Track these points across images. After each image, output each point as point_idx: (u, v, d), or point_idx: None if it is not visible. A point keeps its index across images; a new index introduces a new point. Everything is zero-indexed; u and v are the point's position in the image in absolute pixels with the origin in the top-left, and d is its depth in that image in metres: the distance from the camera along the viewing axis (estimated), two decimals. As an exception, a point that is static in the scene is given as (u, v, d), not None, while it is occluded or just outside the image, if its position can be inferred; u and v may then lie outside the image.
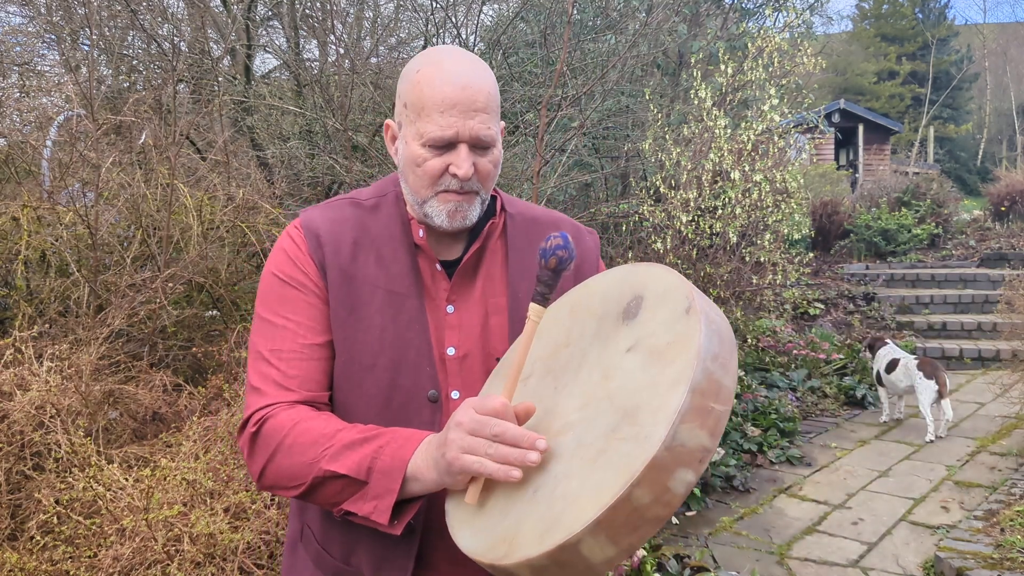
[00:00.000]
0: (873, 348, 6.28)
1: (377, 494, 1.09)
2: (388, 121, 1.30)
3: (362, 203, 1.32)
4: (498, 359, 1.26)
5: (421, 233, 1.28)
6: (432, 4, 6.07)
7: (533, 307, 1.07)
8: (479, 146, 1.21)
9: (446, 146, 1.19)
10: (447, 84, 1.17)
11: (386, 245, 1.27)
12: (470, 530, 1.05)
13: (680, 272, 5.93)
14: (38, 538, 2.42)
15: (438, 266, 1.29)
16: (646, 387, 0.97)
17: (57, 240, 3.61)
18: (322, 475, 1.11)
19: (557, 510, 0.95)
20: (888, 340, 6.29)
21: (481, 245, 1.31)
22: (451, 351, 1.26)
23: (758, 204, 5.83)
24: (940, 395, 5.57)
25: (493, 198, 1.36)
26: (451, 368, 1.25)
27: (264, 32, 6.98)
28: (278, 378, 1.21)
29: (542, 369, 1.17)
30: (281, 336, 1.24)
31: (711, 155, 5.66)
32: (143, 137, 4.44)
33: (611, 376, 1.03)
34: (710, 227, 5.74)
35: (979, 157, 28.88)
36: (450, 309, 1.28)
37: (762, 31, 6.27)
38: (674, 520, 4.12)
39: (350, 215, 1.30)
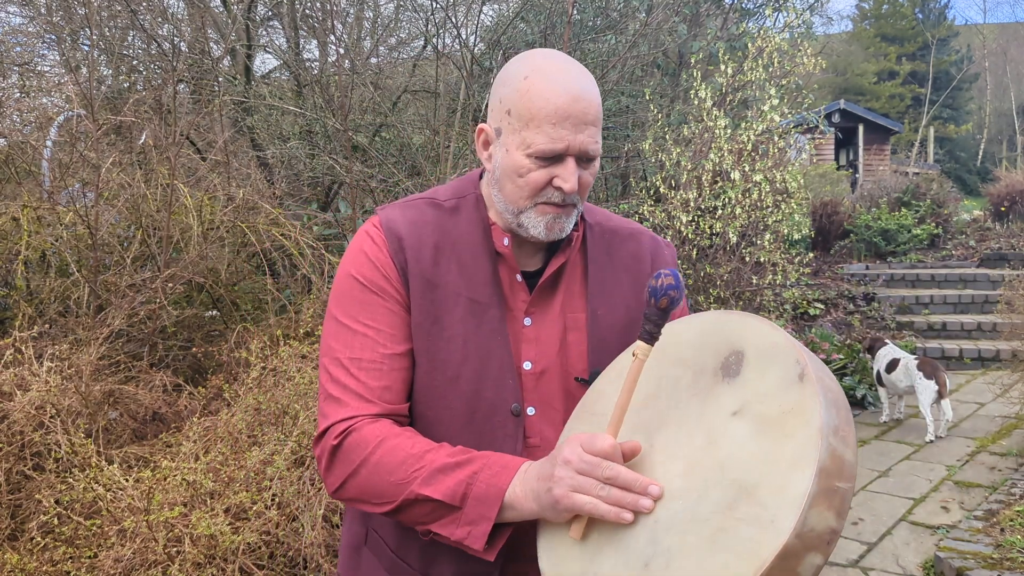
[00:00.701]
0: (873, 349, 6.27)
1: (471, 520, 1.06)
2: (483, 125, 1.24)
3: (442, 204, 1.27)
4: (577, 379, 1.22)
5: (506, 241, 1.23)
6: (432, 4, 6.07)
7: (641, 346, 1.02)
8: (584, 159, 1.17)
9: (553, 158, 1.15)
10: (560, 96, 1.13)
11: (467, 251, 1.23)
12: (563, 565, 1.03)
13: (681, 272, 5.93)
14: (38, 539, 2.41)
15: (519, 276, 1.24)
16: (762, 461, 0.92)
17: (57, 240, 3.61)
18: (413, 497, 1.08)
19: None
20: (887, 340, 6.28)
21: (564, 260, 1.26)
22: (528, 365, 1.22)
23: (758, 204, 5.83)
24: (940, 395, 5.57)
25: None
26: (527, 383, 1.21)
27: (264, 32, 6.98)
28: (359, 389, 1.17)
29: (631, 420, 1.11)
30: (361, 344, 1.19)
31: (711, 155, 5.66)
32: (143, 137, 4.45)
33: (717, 443, 0.98)
34: (710, 227, 5.74)
35: (979, 157, 28.89)
36: (527, 322, 1.23)
37: (762, 31, 6.27)
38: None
39: (431, 217, 1.25)
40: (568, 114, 1.13)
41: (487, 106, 1.29)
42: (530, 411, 1.21)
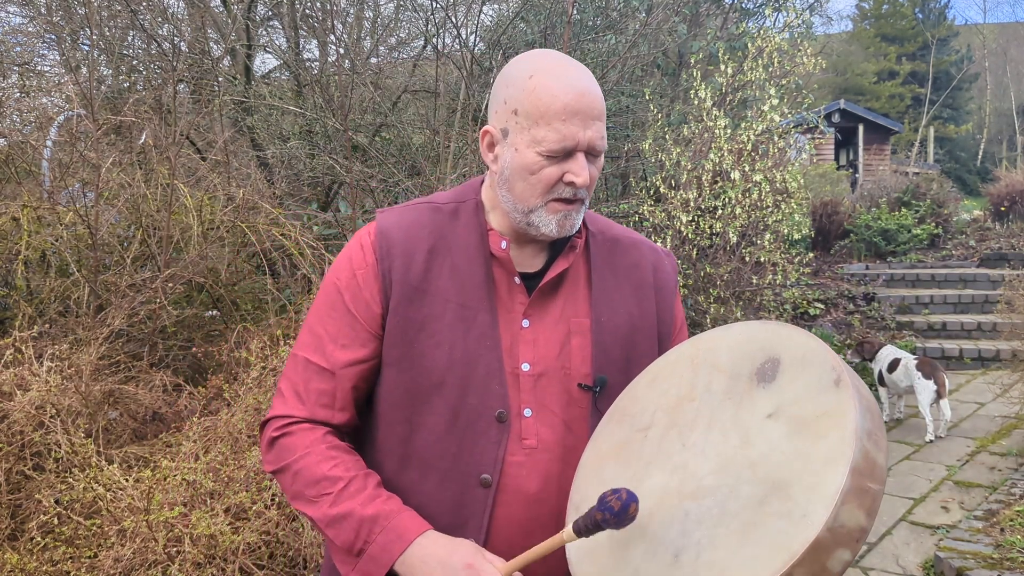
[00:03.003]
0: (862, 350, 6.26)
1: (363, 572, 1.14)
2: (487, 127, 1.24)
3: (441, 207, 1.29)
4: (580, 385, 1.24)
5: (503, 244, 1.25)
6: (432, 4, 6.07)
7: (568, 531, 1.05)
8: (592, 154, 1.19)
9: (563, 155, 1.16)
10: (567, 92, 1.15)
11: (461, 255, 1.24)
12: None
13: (680, 272, 5.91)
14: (38, 539, 2.42)
15: (516, 279, 1.25)
16: (796, 460, 0.95)
17: (57, 240, 3.61)
18: (319, 523, 1.18)
19: None
20: (880, 342, 6.27)
21: (568, 264, 1.27)
22: (526, 367, 1.22)
23: (758, 204, 5.83)
24: (939, 395, 5.57)
25: None
26: (524, 384, 1.22)
27: (264, 32, 6.98)
28: (300, 389, 1.24)
29: (665, 421, 1.14)
30: (315, 346, 1.24)
31: (711, 155, 5.66)
32: (143, 137, 4.44)
33: (751, 443, 1.01)
34: (710, 227, 5.74)
35: (979, 157, 28.88)
36: (525, 323, 1.24)
37: (762, 31, 6.27)
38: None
39: (428, 220, 1.27)
40: (576, 110, 1.15)
41: (487, 107, 1.31)
42: (527, 412, 1.21)
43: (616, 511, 0.99)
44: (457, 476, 1.20)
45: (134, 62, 6.22)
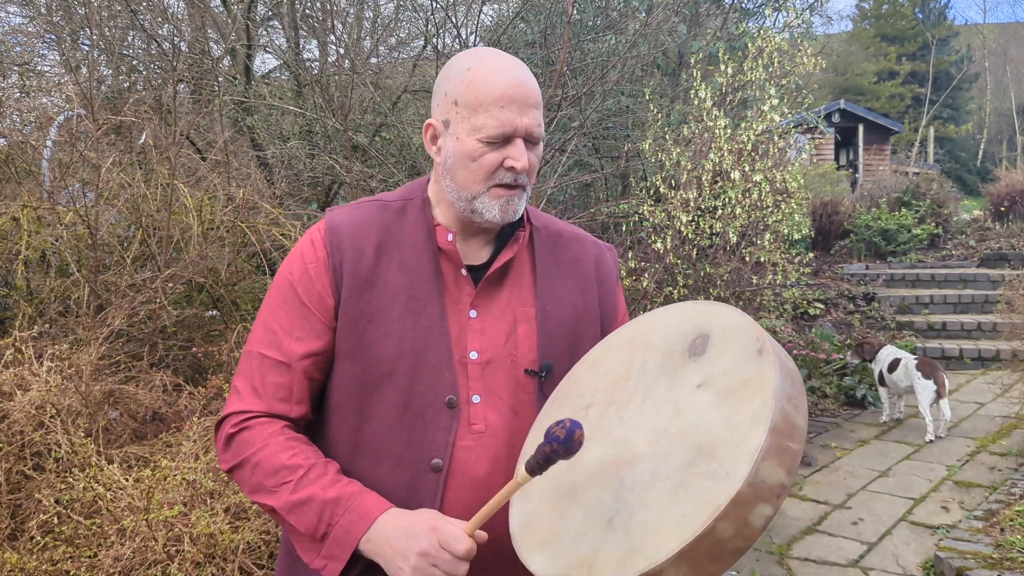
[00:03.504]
0: (862, 351, 6.27)
1: (328, 556, 1.16)
2: (430, 121, 1.30)
3: (389, 205, 1.33)
4: (527, 371, 1.28)
5: (450, 237, 1.29)
6: (432, 4, 6.07)
7: (522, 472, 1.07)
8: (530, 140, 1.24)
9: (503, 141, 1.22)
10: (504, 81, 1.21)
11: (409, 249, 1.29)
12: (542, 556, 1.08)
13: (680, 272, 5.90)
14: (38, 538, 2.42)
15: (463, 271, 1.29)
16: (722, 425, 1.01)
17: (57, 240, 3.61)
18: (280, 511, 1.19)
19: (636, 539, 0.98)
20: (879, 342, 6.27)
21: (512, 255, 1.32)
22: (474, 355, 1.26)
23: (758, 204, 5.83)
24: (939, 395, 5.57)
25: None
26: (472, 372, 1.26)
27: (264, 32, 6.98)
28: (256, 383, 1.26)
29: (604, 400, 1.19)
30: (270, 341, 1.27)
31: (711, 155, 5.66)
32: (143, 137, 4.44)
33: (682, 413, 1.07)
34: (710, 227, 5.74)
35: (979, 157, 28.88)
36: (473, 314, 1.28)
37: (762, 31, 6.27)
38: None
39: (376, 217, 1.31)
40: (513, 97, 1.21)
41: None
42: (475, 399, 1.26)
43: (563, 439, 1.01)
44: (409, 462, 1.23)
45: (134, 62, 6.22)
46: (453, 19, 5.89)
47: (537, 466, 1.05)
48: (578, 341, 1.33)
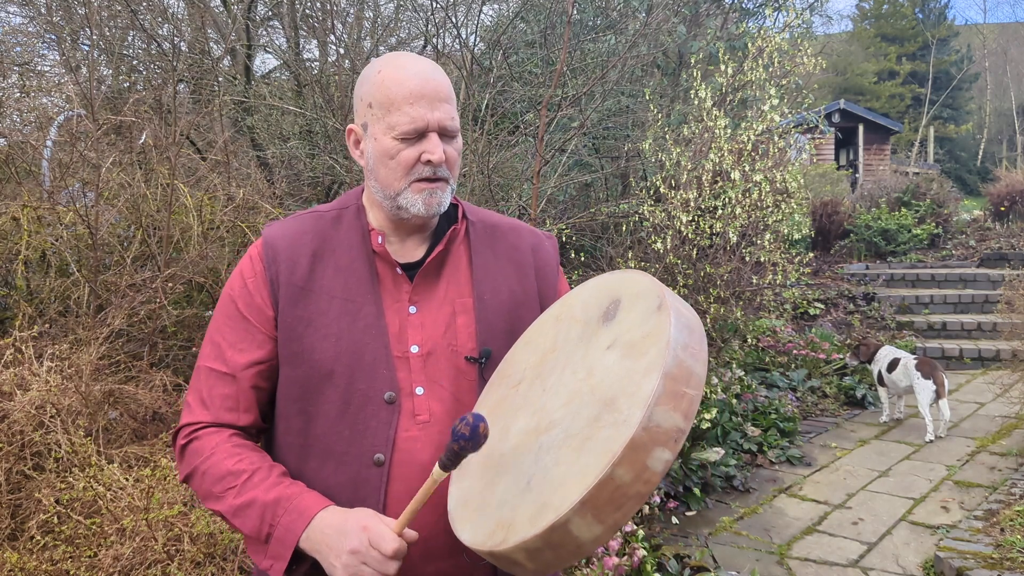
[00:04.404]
0: (858, 354, 6.27)
1: (274, 556, 1.20)
2: (350, 126, 1.35)
3: (324, 215, 1.38)
4: (467, 358, 1.33)
5: (380, 240, 1.34)
6: (432, 4, 6.07)
7: (437, 470, 1.10)
8: (446, 134, 1.29)
9: (417, 136, 1.26)
10: (412, 78, 1.26)
11: (344, 255, 1.33)
12: (471, 524, 1.12)
13: (680, 272, 5.89)
14: (38, 538, 2.42)
15: (399, 270, 1.34)
16: (623, 377, 1.05)
17: (57, 240, 3.62)
18: (226, 515, 1.23)
19: (546, 494, 1.02)
20: (869, 343, 6.27)
21: (444, 248, 1.36)
22: (415, 348, 1.31)
23: (758, 204, 5.83)
24: (939, 395, 5.57)
25: (454, 205, 1.42)
26: (415, 365, 1.30)
27: (264, 32, 6.98)
28: (205, 396, 1.31)
29: (532, 375, 1.24)
30: (215, 355, 1.32)
31: (711, 155, 5.66)
32: (143, 137, 4.44)
33: (593, 373, 1.12)
34: (710, 227, 5.74)
35: (979, 157, 28.87)
36: (412, 309, 1.33)
37: (762, 31, 6.27)
38: (674, 520, 4.12)
39: (311, 227, 1.36)
40: (422, 93, 1.25)
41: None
42: (419, 391, 1.30)
43: (468, 435, 1.05)
44: (351, 459, 1.27)
45: (134, 62, 6.22)
46: (453, 19, 5.89)
47: (449, 462, 1.08)
48: (517, 327, 1.37)
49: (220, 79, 5.62)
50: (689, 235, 5.69)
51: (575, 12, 6.14)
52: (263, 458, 1.27)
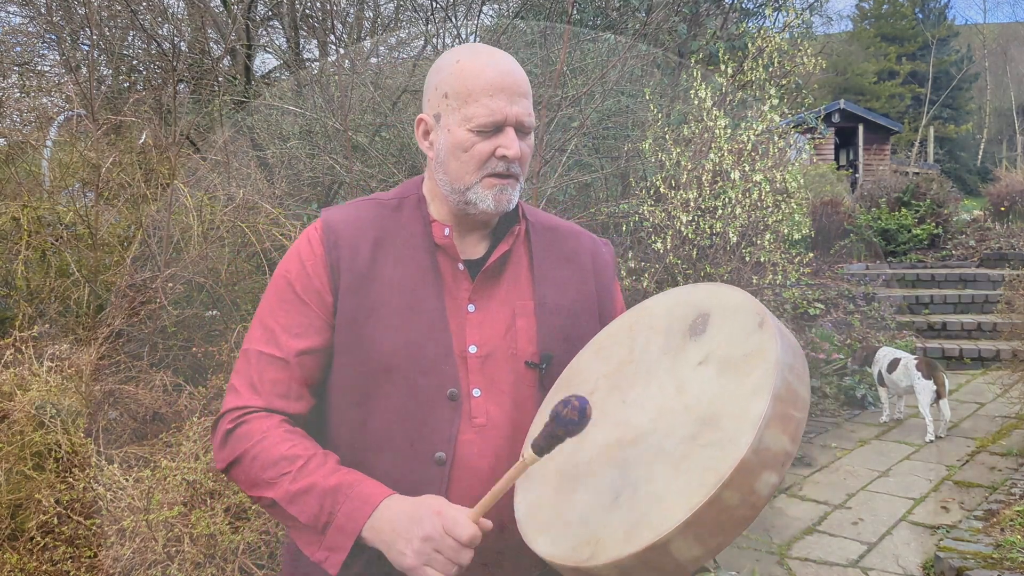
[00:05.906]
0: (856, 358, 6.30)
1: (330, 547, 1.13)
2: (421, 116, 1.30)
3: (384, 203, 1.34)
4: (527, 363, 1.28)
5: (446, 232, 1.29)
6: (432, 4, 6.07)
7: (529, 452, 1.06)
8: (521, 130, 1.25)
9: (493, 130, 1.22)
10: (491, 70, 1.22)
11: (406, 245, 1.29)
12: (548, 536, 1.07)
13: (680, 272, 5.88)
14: (38, 538, 2.42)
15: (460, 265, 1.29)
16: (724, 396, 1.01)
17: (57, 240, 3.61)
18: (280, 502, 1.16)
19: (642, 511, 0.97)
20: (866, 346, 6.29)
21: (508, 248, 1.32)
22: (473, 349, 1.26)
23: (758, 204, 5.83)
24: (939, 395, 5.57)
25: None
26: (472, 366, 1.26)
27: (264, 32, 6.98)
28: (255, 380, 1.25)
29: (607, 385, 1.20)
30: (267, 338, 1.26)
31: (711, 155, 5.66)
32: (143, 137, 4.44)
33: (685, 389, 1.07)
34: (710, 227, 5.74)
35: (979, 157, 28.88)
36: (471, 308, 1.28)
37: (762, 31, 6.27)
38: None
39: (371, 214, 1.31)
40: (502, 86, 1.22)
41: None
42: (476, 392, 1.25)
43: (577, 420, 1.00)
44: (412, 456, 1.22)
45: (134, 62, 6.22)
46: (453, 19, 5.89)
47: (547, 445, 1.03)
48: (577, 332, 1.33)
49: (220, 79, 5.62)
50: (689, 235, 5.68)
51: (575, 12, 6.14)
52: (315, 445, 1.21)
